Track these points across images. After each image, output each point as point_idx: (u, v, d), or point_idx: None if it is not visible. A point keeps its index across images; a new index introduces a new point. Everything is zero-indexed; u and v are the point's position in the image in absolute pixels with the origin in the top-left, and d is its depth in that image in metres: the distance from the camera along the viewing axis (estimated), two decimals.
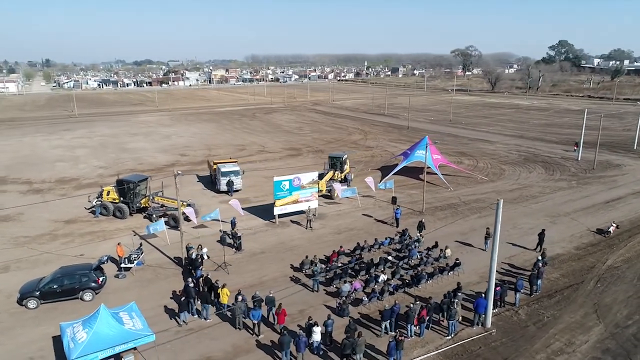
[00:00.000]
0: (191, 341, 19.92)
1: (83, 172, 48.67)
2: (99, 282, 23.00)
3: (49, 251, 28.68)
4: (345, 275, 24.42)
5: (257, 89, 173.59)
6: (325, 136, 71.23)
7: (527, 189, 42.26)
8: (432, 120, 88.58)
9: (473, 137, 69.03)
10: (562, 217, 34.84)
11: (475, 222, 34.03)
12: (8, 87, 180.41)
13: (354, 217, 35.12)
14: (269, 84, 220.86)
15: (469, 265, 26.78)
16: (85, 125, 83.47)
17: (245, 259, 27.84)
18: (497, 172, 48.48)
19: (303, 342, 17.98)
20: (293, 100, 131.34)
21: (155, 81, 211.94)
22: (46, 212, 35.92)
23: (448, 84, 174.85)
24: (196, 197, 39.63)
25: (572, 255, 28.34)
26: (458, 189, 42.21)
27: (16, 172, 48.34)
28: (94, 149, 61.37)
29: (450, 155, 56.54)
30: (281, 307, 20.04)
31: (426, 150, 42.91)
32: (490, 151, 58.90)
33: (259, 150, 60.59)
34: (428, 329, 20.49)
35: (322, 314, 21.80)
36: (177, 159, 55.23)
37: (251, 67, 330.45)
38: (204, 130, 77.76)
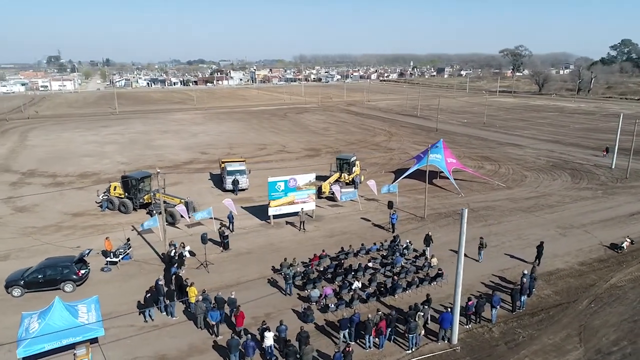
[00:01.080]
0: (151, 338, 20.16)
1: (105, 167, 50.84)
2: (79, 274, 23.81)
3: (49, 242, 30.10)
4: (319, 280, 23.93)
5: (297, 89, 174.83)
6: (349, 137, 70.54)
7: (545, 197, 39.79)
8: (465, 123, 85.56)
9: (503, 141, 66.00)
10: (575, 229, 32.48)
11: (477, 230, 32.35)
12: (65, 85, 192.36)
13: (351, 221, 34.44)
14: (310, 84, 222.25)
15: (465, 274, 25.44)
16: (122, 122, 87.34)
17: (230, 259, 27.95)
18: (518, 178, 46.00)
19: (251, 347, 17.73)
20: (328, 101, 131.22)
21: (201, 80, 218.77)
22: (60, 204, 37.77)
23: (493, 85, 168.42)
24: (202, 194, 40.42)
25: (573, 270, 26.32)
26: (470, 195, 40.43)
27: (46, 166, 51.24)
28: (123, 145, 64.02)
29: (472, 159, 54.49)
30: (239, 310, 19.87)
31: (426, 155, 41.63)
32: (517, 156, 56.04)
33: (279, 150, 60.88)
34: (390, 340, 19.66)
35: (288, 318, 21.51)
36: (197, 157, 56.50)
37: (295, 67, 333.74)
38: (232, 129, 79.18)
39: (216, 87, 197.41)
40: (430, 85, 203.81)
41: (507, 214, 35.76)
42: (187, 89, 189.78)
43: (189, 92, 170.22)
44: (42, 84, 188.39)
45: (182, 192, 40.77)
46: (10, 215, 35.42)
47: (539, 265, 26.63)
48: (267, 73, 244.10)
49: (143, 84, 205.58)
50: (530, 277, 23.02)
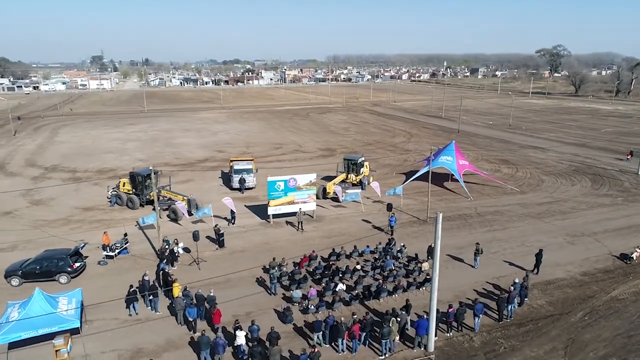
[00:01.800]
0: (132, 331, 20.62)
1: (123, 163, 52.38)
2: (73, 267, 24.62)
3: (55, 235, 31.28)
4: (305, 281, 23.82)
5: (325, 89, 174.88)
6: (368, 138, 69.95)
7: (560, 203, 38.16)
8: (490, 125, 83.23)
9: (526, 144, 63.79)
10: (585, 238, 30.99)
11: (480, 235, 31.39)
12: (103, 84, 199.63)
13: (351, 222, 34.11)
14: (340, 84, 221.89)
15: (450, 281, 24.88)
16: (149, 120, 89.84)
17: (224, 256, 28.22)
18: (534, 183, 44.33)
19: (221, 345, 17.81)
20: (354, 101, 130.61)
21: (232, 80, 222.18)
22: (73, 199, 39.20)
23: (528, 86, 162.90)
24: (210, 192, 41.00)
25: (573, 281, 25.11)
26: (480, 199, 39.28)
27: (68, 161, 53.32)
28: (144, 142, 65.83)
29: (490, 162, 52.99)
30: (216, 307, 20.03)
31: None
32: (538, 160, 54.02)
33: (294, 150, 61.05)
34: (365, 345, 19.33)
35: (269, 318, 21.54)
36: (213, 155, 57.40)
37: (326, 67, 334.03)
38: (253, 128, 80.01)
39: (245, 87, 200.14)
40: (461, 86, 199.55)
41: (515, 219, 34.52)
42: (218, 88, 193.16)
43: (218, 91, 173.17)
44: (81, 82, 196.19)
45: (191, 189, 41.59)
46: (26, 207, 37.04)
47: (537, 273, 25.68)
48: (297, 73, 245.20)
49: (176, 83, 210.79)
50: (521, 286, 22.13)
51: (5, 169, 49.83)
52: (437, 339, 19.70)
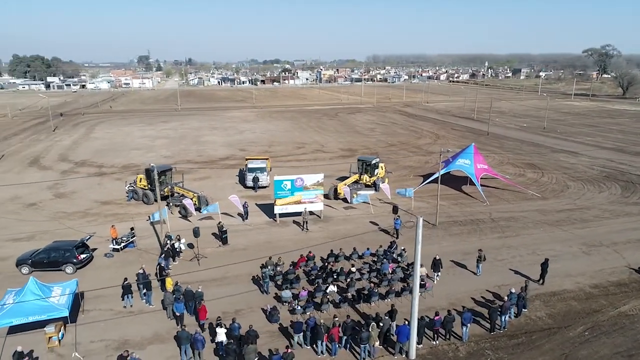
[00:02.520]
0: (124, 323, 21.23)
1: (148, 160, 53.89)
2: (78, 258, 25.62)
3: (71, 227, 32.67)
4: (297, 282, 23.75)
5: (360, 89, 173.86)
6: (392, 139, 69.00)
7: (582, 211, 36.24)
8: (524, 127, 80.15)
9: (558, 148, 61.00)
10: (603, 248, 29.28)
11: (490, 242, 30.33)
12: (145, 83, 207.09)
13: (358, 224, 33.72)
14: (375, 84, 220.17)
15: (449, 288, 24.19)
16: (181, 118, 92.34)
17: (225, 254, 28.55)
18: (559, 188, 42.32)
19: (200, 341, 18.04)
20: (386, 101, 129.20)
21: (268, 79, 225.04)
22: (95, 193, 40.82)
23: (572, 87, 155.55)
24: (224, 190, 41.55)
25: (581, 293, 23.77)
26: (497, 204, 37.90)
27: (97, 157, 55.61)
28: (173, 140, 67.69)
29: (515, 166, 51.07)
30: (201, 304, 20.31)
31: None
32: (567, 165, 51.54)
33: (316, 150, 61.05)
34: (347, 349, 19.04)
35: (257, 317, 21.63)
36: (234, 154, 58.25)
37: (363, 67, 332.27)
38: (279, 127, 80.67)
39: (280, 87, 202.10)
40: (500, 87, 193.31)
41: (530, 226, 33.08)
42: (254, 87, 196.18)
43: (253, 90, 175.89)
44: (125, 81, 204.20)
45: (206, 186, 42.50)
46: (50, 200, 38.90)
47: (542, 284, 24.53)
48: (332, 73, 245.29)
49: (214, 83, 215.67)
50: (518, 296, 21.16)
51: (39, 163, 52.56)
52: (421, 346, 19.19)
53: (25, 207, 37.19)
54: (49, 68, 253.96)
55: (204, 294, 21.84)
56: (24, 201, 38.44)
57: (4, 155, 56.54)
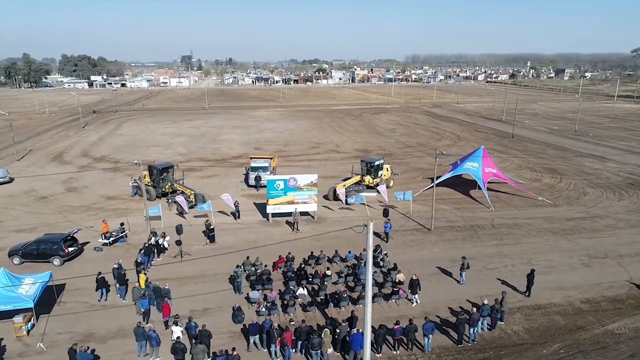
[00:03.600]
0: (94, 316, 21.66)
1: (164, 157, 55.29)
2: (65, 251, 26.42)
3: (72, 220, 33.81)
4: (269, 282, 23.50)
5: (394, 89, 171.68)
6: (411, 139, 67.57)
7: (594, 219, 34.05)
8: (554, 130, 76.49)
9: (586, 152, 57.76)
10: (606, 260, 27.34)
11: (484, 249, 29.02)
12: (182, 82, 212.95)
13: (351, 225, 32.96)
14: (410, 84, 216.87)
15: (427, 296, 23.26)
16: (207, 116, 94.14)
17: (208, 252, 28.58)
18: (575, 195, 39.99)
19: (154, 338, 18.11)
20: (416, 102, 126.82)
21: (302, 79, 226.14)
22: (104, 188, 42.12)
23: (620, 88, 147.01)
24: (227, 188, 41.79)
25: (569, 307, 22.23)
26: (503, 210, 36.23)
27: (116, 153, 57.46)
28: (192, 137, 69.05)
29: (533, 170, 48.77)
30: (165, 301, 20.43)
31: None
32: (591, 170, 48.66)
33: (330, 150, 60.60)
34: (302, 353, 18.61)
35: (224, 316, 21.56)
36: (248, 152, 58.48)
37: (400, 67, 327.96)
38: (300, 126, 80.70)
39: (312, 86, 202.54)
40: (541, 87, 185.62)
41: (532, 234, 31.39)
42: (286, 87, 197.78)
43: (284, 90, 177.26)
44: (163, 80, 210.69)
45: (212, 184, 43.10)
46: (61, 193, 40.45)
47: (528, 296, 23.16)
48: (366, 73, 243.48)
49: (248, 82, 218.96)
50: (492, 308, 20.03)
51: (62, 158, 54.87)
52: (380, 355, 18.50)
53: (36, 199, 38.85)
54: (95, 67, 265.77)
55: (174, 292, 22.01)
56: (38, 194, 40.16)
57: (32, 149, 59.43)
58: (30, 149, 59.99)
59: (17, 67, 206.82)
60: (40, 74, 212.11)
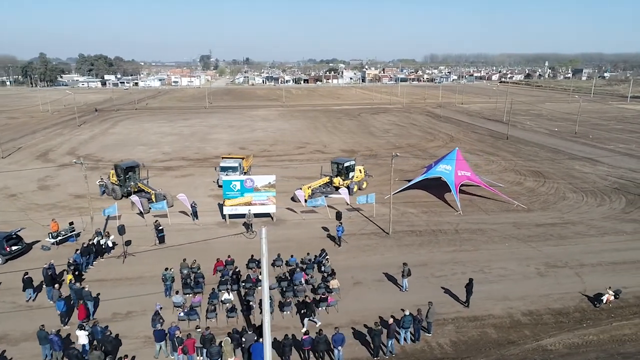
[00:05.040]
0: (16, 317, 21.33)
1: (147, 155, 55.31)
2: (7, 249, 26.28)
3: (31, 218, 33.78)
4: (198, 286, 22.86)
5: (402, 88, 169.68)
6: (402, 140, 66.27)
7: (565, 226, 32.46)
8: (553, 132, 74.15)
9: (579, 155, 55.63)
10: (565, 270, 25.89)
11: (439, 255, 27.87)
12: (193, 81, 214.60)
13: (309, 229, 32.24)
14: (421, 84, 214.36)
15: (362, 303, 22.36)
16: (204, 116, 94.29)
17: (156, 253, 28.09)
18: (553, 200, 38.34)
19: (56, 342, 17.65)
20: (421, 102, 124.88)
21: (312, 79, 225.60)
22: (75, 186, 41.99)
23: (633, 89, 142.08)
24: (198, 188, 41.51)
25: (507, 320, 20.98)
26: (472, 214, 34.90)
27: (102, 152, 57.71)
28: (182, 137, 69.05)
29: (518, 173, 47.18)
30: (79, 303, 19.98)
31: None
32: (579, 174, 46.71)
33: (316, 150, 59.78)
34: None
35: (142, 320, 20.99)
36: (233, 152, 58.17)
37: (416, 67, 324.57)
38: (294, 126, 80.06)
39: (321, 86, 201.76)
40: (554, 88, 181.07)
41: (495, 240, 30.06)
42: (295, 86, 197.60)
43: (292, 89, 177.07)
44: (174, 80, 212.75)
45: (183, 184, 42.82)
46: (32, 191, 40.63)
47: (467, 306, 21.97)
48: (377, 73, 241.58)
49: (259, 81, 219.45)
50: (414, 319, 18.99)
51: (47, 156, 55.37)
52: None
53: (6, 197, 39.07)
54: (111, 66, 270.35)
55: (107, 293, 21.66)
56: (9, 192, 40.41)
57: (21, 147, 60.20)
58: (20, 146, 60.77)
59: (34, 67, 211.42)
60: (56, 73, 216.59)
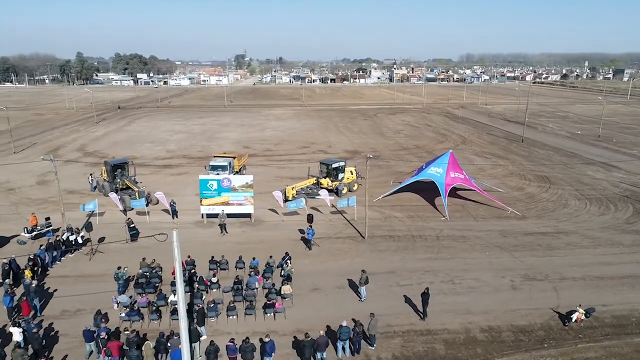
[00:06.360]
0: None
1: (152, 153, 56.10)
2: None
3: (19, 212, 34.62)
4: (149, 286, 22.57)
5: (428, 88, 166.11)
6: (412, 141, 64.52)
7: (556, 236, 30.40)
8: (575, 134, 70.44)
9: (595, 160, 52.43)
10: (542, 284, 24.11)
11: (411, 263, 26.59)
12: (221, 80, 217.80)
13: (285, 230, 31.51)
14: (449, 84, 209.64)
15: (312, 311, 21.51)
16: (219, 114, 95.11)
17: (124, 251, 27.98)
18: (552, 207, 36.11)
19: None
20: (443, 102, 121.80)
21: (339, 78, 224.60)
22: (71, 182, 42.85)
23: None
24: (189, 187, 41.45)
25: (461, 336, 19.58)
26: (459, 220, 33.29)
27: (109, 149, 58.90)
28: (191, 135, 69.70)
29: (522, 178, 44.97)
30: (22, 300, 20.03)
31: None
32: (589, 180, 43.92)
33: (319, 150, 58.94)
34: None
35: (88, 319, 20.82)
36: (236, 151, 58.18)
37: (446, 66, 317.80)
38: (305, 126, 79.49)
39: (346, 85, 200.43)
40: (590, 89, 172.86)
41: (476, 249, 28.45)
42: (320, 85, 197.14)
43: (316, 89, 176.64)
44: (203, 78, 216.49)
45: (176, 182, 43.14)
46: (29, 187, 41.72)
47: (423, 318, 20.72)
48: (406, 72, 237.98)
49: (285, 81, 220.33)
50: (353, 331, 17.96)
51: (57, 152, 56.93)
52: None
53: (3, 191, 40.28)
54: (146, 65, 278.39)
55: (64, 290, 21.80)
56: (8, 186, 41.66)
57: (35, 143, 62.28)
58: (35, 142, 62.87)
59: (71, 65, 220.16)
60: (91, 71, 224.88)
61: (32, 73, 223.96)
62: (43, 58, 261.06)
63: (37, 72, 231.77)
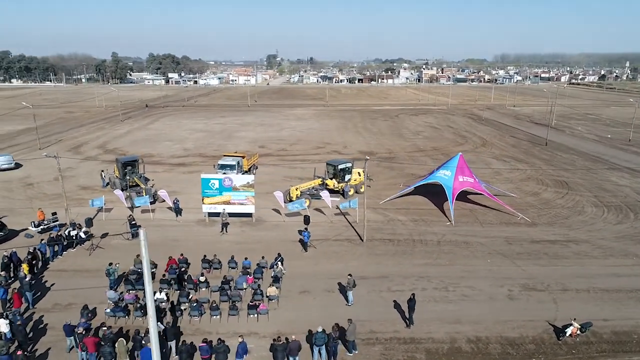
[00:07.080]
0: None
1: (168, 151, 57.09)
2: None
3: (31, 207, 35.75)
4: (138, 283, 22.80)
5: (457, 89, 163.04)
6: (429, 143, 63.26)
7: (565, 244, 29.00)
8: (605, 138, 67.38)
9: (622, 165, 49.96)
10: (542, 294, 23.01)
11: (407, 268, 25.91)
12: (250, 80, 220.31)
13: (285, 231, 31.33)
14: (480, 85, 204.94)
15: (297, 314, 21.23)
16: (241, 114, 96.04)
17: (124, 247, 28.38)
18: (567, 214, 34.54)
19: None
20: (470, 103, 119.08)
21: (367, 79, 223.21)
22: (87, 178, 44.19)
23: None
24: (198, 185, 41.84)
25: (444, 347, 18.86)
26: (464, 225, 32.28)
27: (129, 146, 60.33)
28: (210, 134, 70.61)
29: (540, 183, 43.35)
30: (14, 292, 20.60)
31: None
32: (612, 186, 41.84)
33: (334, 151, 58.55)
34: None
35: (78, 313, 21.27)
36: (250, 150, 58.51)
37: (478, 67, 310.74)
38: (324, 126, 79.23)
39: (372, 86, 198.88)
40: (630, 90, 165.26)
41: (477, 255, 27.48)
42: (347, 86, 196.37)
43: (342, 89, 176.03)
44: (232, 78, 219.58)
45: (186, 180, 43.68)
46: (47, 182, 43.12)
47: (409, 326, 20.12)
48: (435, 73, 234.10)
49: (313, 80, 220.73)
50: (328, 337, 17.58)
51: (78, 149, 58.83)
52: None
53: (23, 185, 41.84)
54: (178, 65, 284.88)
55: (61, 283, 22.39)
56: (28, 181, 43.27)
57: (61, 140, 64.51)
58: (61, 139, 65.12)
59: (106, 65, 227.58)
60: (125, 71, 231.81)
61: (70, 72, 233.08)
62: (80, 58, 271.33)
63: (75, 72, 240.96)
